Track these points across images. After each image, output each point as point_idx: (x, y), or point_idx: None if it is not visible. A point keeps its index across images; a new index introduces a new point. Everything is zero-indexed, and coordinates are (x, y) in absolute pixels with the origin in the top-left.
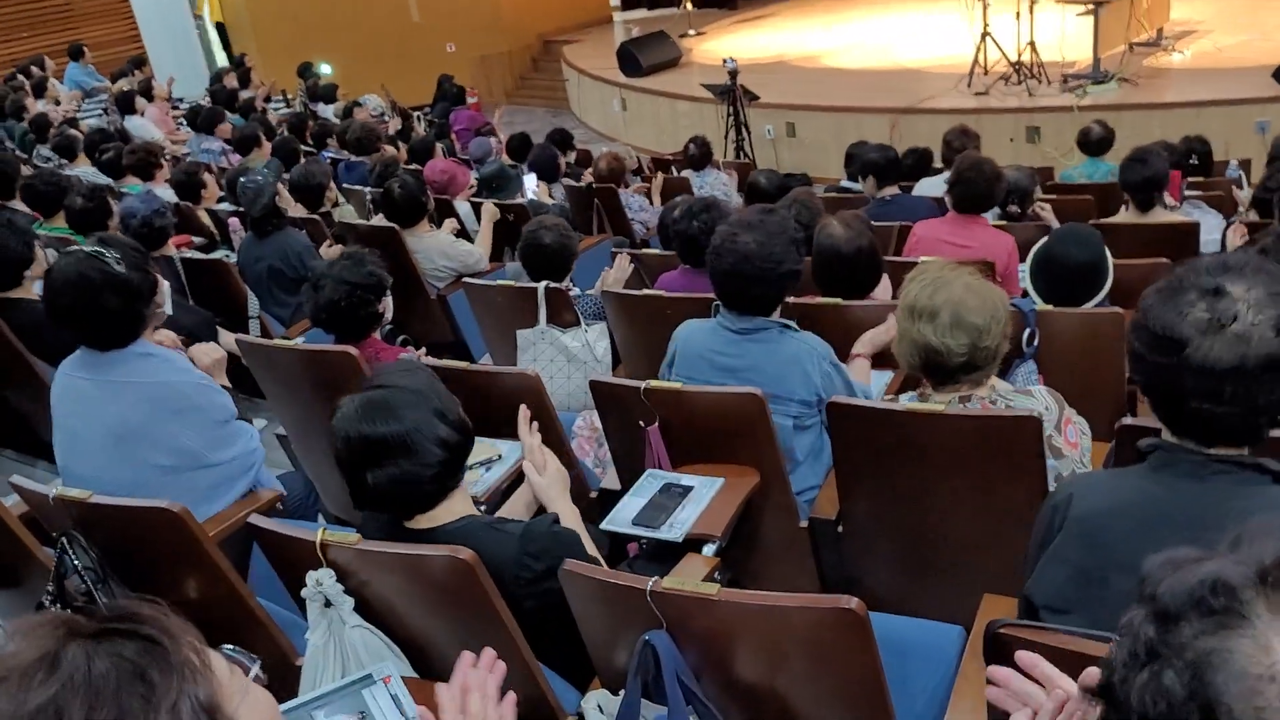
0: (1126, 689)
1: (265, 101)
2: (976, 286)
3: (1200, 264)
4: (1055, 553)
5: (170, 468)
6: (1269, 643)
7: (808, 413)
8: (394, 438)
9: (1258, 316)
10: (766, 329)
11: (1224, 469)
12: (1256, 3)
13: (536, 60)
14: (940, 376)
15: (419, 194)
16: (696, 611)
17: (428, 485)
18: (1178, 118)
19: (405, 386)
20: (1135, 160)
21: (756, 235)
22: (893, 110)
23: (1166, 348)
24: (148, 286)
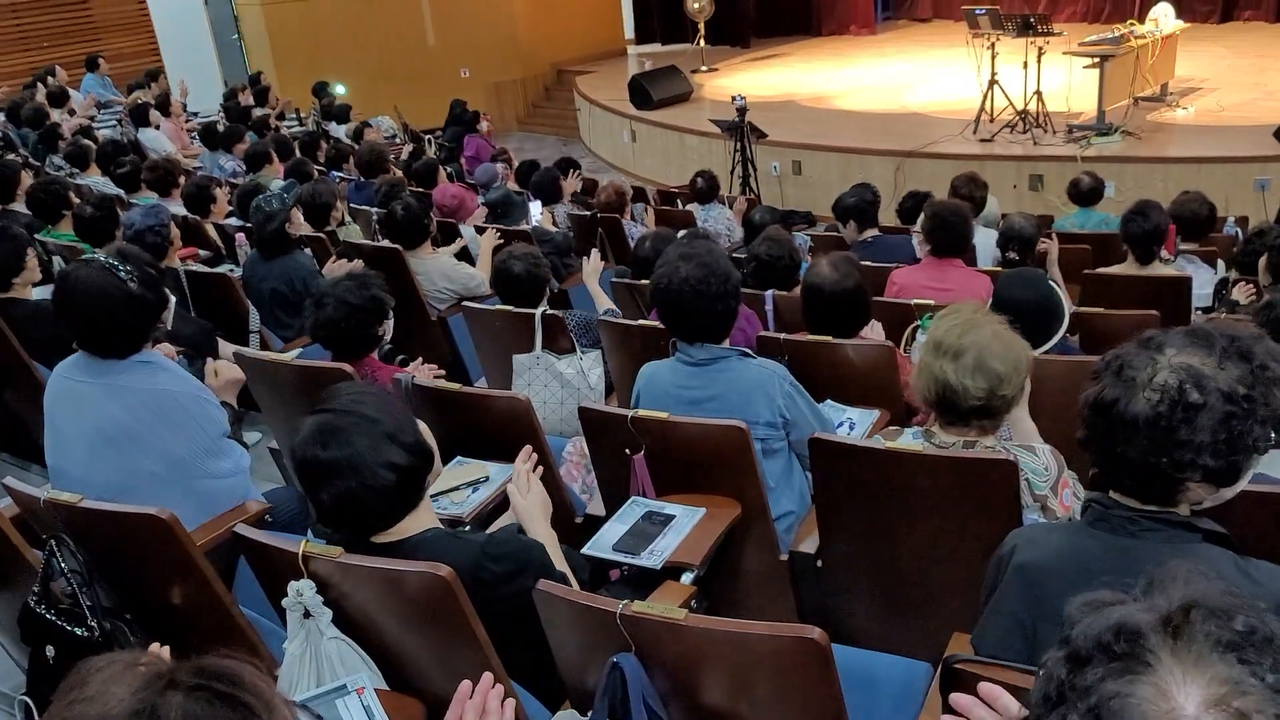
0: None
1: (280, 119)
2: (1004, 335)
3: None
4: (996, 604)
5: (159, 475)
6: (1168, 688)
7: (774, 435)
8: (342, 461)
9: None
10: (726, 357)
11: (1155, 526)
12: (1261, 63)
13: (549, 89)
14: (951, 416)
15: (422, 216)
16: (665, 636)
17: (379, 505)
18: (1179, 172)
19: (355, 411)
20: (1137, 214)
21: (694, 263)
22: (898, 153)
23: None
24: (159, 304)
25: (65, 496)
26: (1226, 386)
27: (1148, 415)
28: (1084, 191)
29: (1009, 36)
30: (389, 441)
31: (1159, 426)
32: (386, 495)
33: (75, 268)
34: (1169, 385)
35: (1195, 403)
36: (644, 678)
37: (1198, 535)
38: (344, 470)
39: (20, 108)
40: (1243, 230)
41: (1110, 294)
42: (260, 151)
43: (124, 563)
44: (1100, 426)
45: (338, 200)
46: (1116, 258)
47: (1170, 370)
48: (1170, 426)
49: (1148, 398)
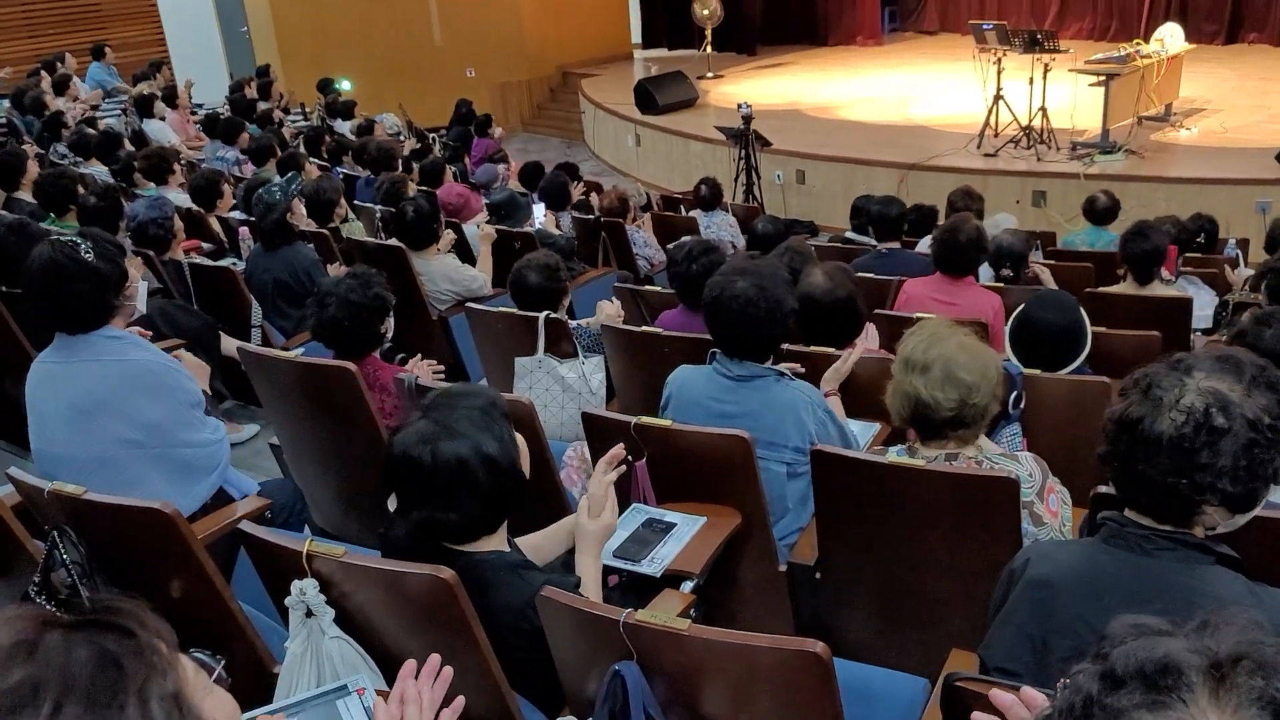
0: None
1: (284, 112)
2: (970, 346)
3: (1197, 360)
4: (1007, 616)
5: (134, 442)
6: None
7: (801, 460)
8: (433, 476)
9: (1210, 399)
10: (764, 376)
11: (1169, 546)
12: (1265, 86)
13: (554, 91)
14: (928, 430)
15: (432, 218)
16: (667, 645)
17: (455, 530)
18: (1182, 192)
19: (461, 429)
20: (1136, 234)
21: (753, 280)
22: (902, 165)
23: (1127, 425)
24: (116, 276)
25: (69, 488)
26: (1252, 414)
27: (1171, 436)
28: (1099, 210)
29: (1015, 52)
30: (485, 466)
31: (1182, 448)
32: (466, 521)
33: (36, 248)
34: (1195, 408)
35: (1220, 427)
36: (645, 686)
37: (1211, 558)
38: (434, 486)
39: (25, 94)
40: (1244, 253)
41: (1112, 314)
42: (265, 145)
43: (125, 555)
44: (1123, 443)
45: (341, 197)
46: (1116, 276)
47: (1198, 393)
48: (1193, 449)
49: (1173, 418)
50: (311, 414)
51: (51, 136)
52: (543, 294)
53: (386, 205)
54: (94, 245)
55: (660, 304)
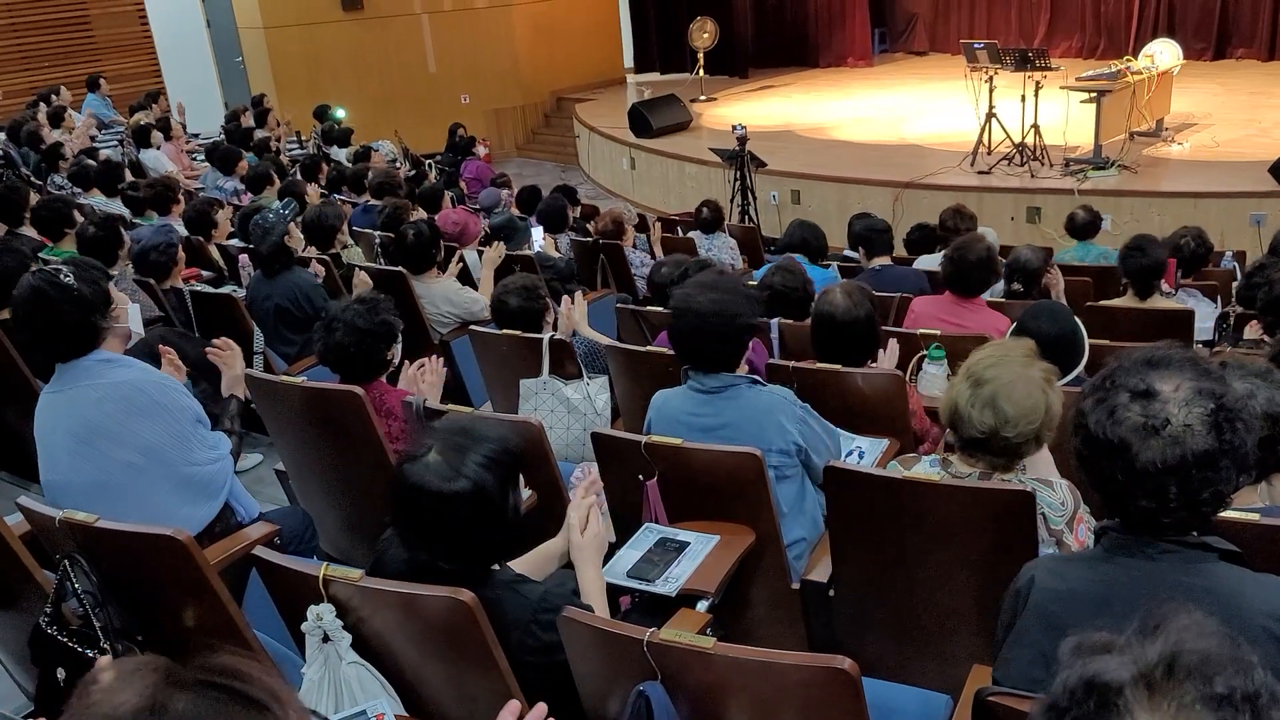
0: None
1: (278, 141)
2: (1032, 381)
3: (1129, 362)
4: (1019, 636)
5: (136, 466)
6: None
7: (787, 462)
8: (437, 514)
9: (1189, 415)
10: (736, 385)
11: (1172, 548)
12: (1255, 100)
13: (549, 116)
14: (961, 442)
15: (432, 242)
16: (692, 664)
17: (454, 561)
18: (1176, 206)
19: (472, 473)
20: (1135, 249)
21: (711, 295)
22: (896, 184)
23: (1107, 452)
24: (99, 298)
25: (80, 516)
26: (1238, 403)
27: (1175, 464)
28: (1079, 225)
29: (1007, 70)
30: (488, 513)
31: (1189, 472)
32: (458, 569)
33: (21, 279)
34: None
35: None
36: (670, 706)
37: (1214, 555)
38: (437, 523)
39: (20, 127)
40: (1240, 265)
41: (1114, 326)
42: (262, 173)
43: (137, 583)
44: (1112, 476)
45: (343, 223)
46: (1116, 291)
47: (1182, 406)
48: (1208, 462)
49: (1170, 446)
50: (318, 439)
51: (50, 168)
52: (525, 315)
53: (387, 230)
54: (74, 269)
55: (661, 324)
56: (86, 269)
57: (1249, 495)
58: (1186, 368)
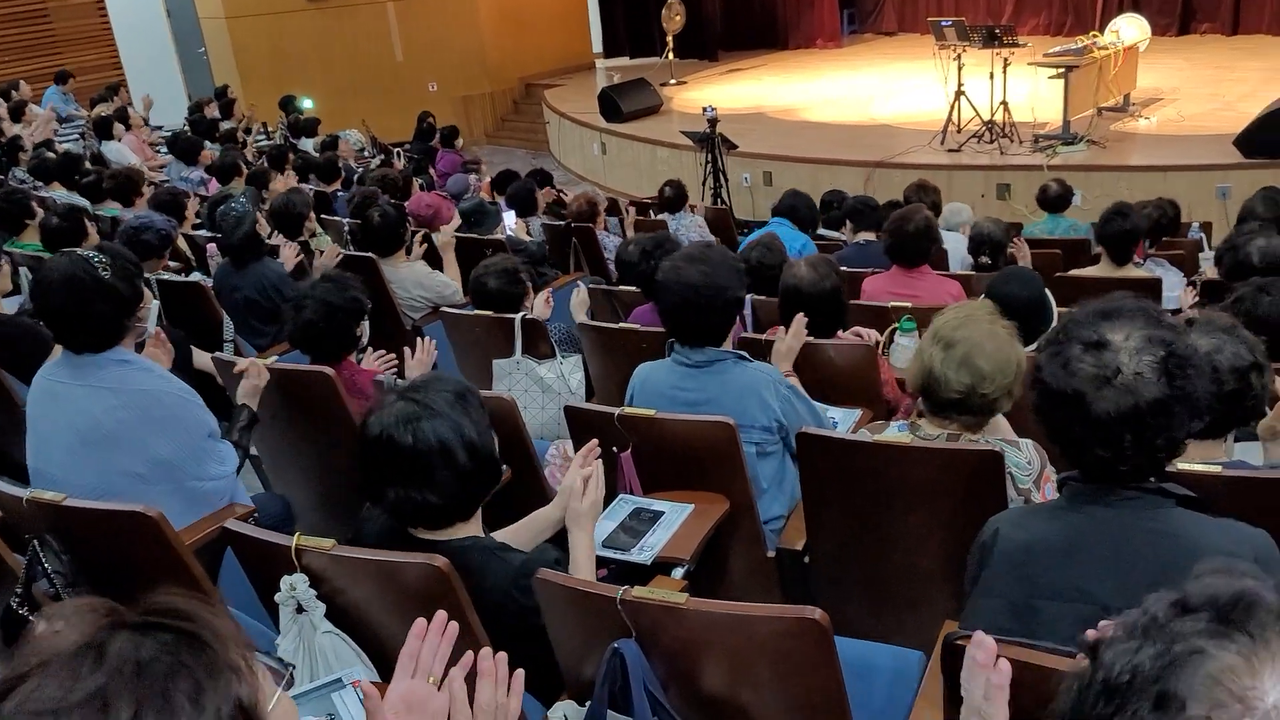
0: (1110, 650)
1: (246, 133)
2: (999, 337)
3: (1083, 314)
4: (986, 587)
5: (141, 476)
6: (1259, 668)
7: (769, 439)
8: (412, 455)
9: (1139, 364)
10: (722, 360)
11: (1132, 495)
12: (1219, 74)
13: (518, 102)
14: (933, 405)
15: (398, 224)
16: (665, 620)
17: (432, 511)
18: (1144, 180)
19: (448, 414)
20: (1117, 214)
21: (700, 267)
22: (867, 164)
23: (1063, 404)
24: (134, 297)
25: (49, 495)
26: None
27: (1128, 412)
28: (1052, 198)
29: (975, 48)
30: (463, 448)
31: (1143, 419)
32: (444, 502)
33: (52, 258)
34: (1141, 373)
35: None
36: (644, 663)
37: (1172, 500)
38: (412, 465)
39: None
40: (1207, 236)
41: (1083, 296)
42: (229, 163)
43: (109, 563)
44: (1069, 427)
45: (310, 210)
46: (1085, 262)
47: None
48: (1162, 410)
49: (1123, 394)
50: (291, 422)
51: (10, 162)
52: (503, 298)
53: (355, 217)
54: (111, 261)
55: (633, 303)
56: (122, 263)
57: (1214, 449)
58: (1137, 317)
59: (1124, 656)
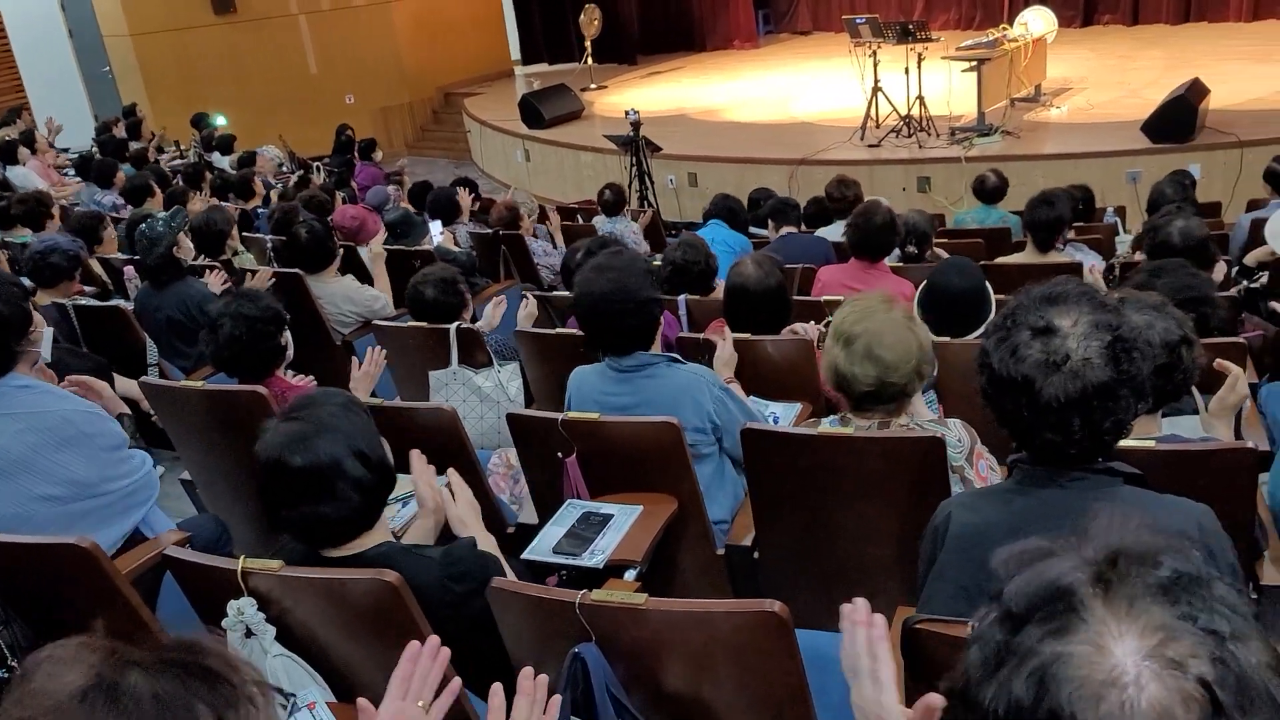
0: (981, 694)
1: (158, 152)
2: (898, 324)
3: (1028, 299)
4: (940, 571)
5: (58, 498)
6: (1105, 644)
7: (703, 440)
8: (310, 472)
9: (1087, 349)
10: (654, 364)
11: (1080, 475)
12: (1124, 63)
13: (437, 112)
14: (852, 401)
15: (327, 239)
16: (625, 621)
17: (339, 524)
18: (1057, 168)
19: (330, 425)
20: (1044, 202)
21: (608, 275)
22: (790, 161)
23: (1012, 390)
24: (17, 320)
25: None
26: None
27: (1076, 396)
28: (989, 189)
29: (889, 44)
30: (358, 459)
31: (1091, 403)
32: (349, 514)
33: None
34: (1089, 357)
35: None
36: (606, 666)
37: (1119, 479)
38: (311, 483)
39: None
40: (1121, 220)
41: (1009, 283)
42: (141, 184)
43: (42, 597)
44: (1018, 412)
45: (233, 228)
46: (1008, 250)
47: (1081, 340)
48: (1108, 393)
49: (1071, 380)
50: (222, 443)
51: None
52: (441, 308)
53: (278, 234)
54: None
55: (567, 308)
56: (6, 287)
57: (1149, 425)
58: (1083, 302)
59: (999, 697)
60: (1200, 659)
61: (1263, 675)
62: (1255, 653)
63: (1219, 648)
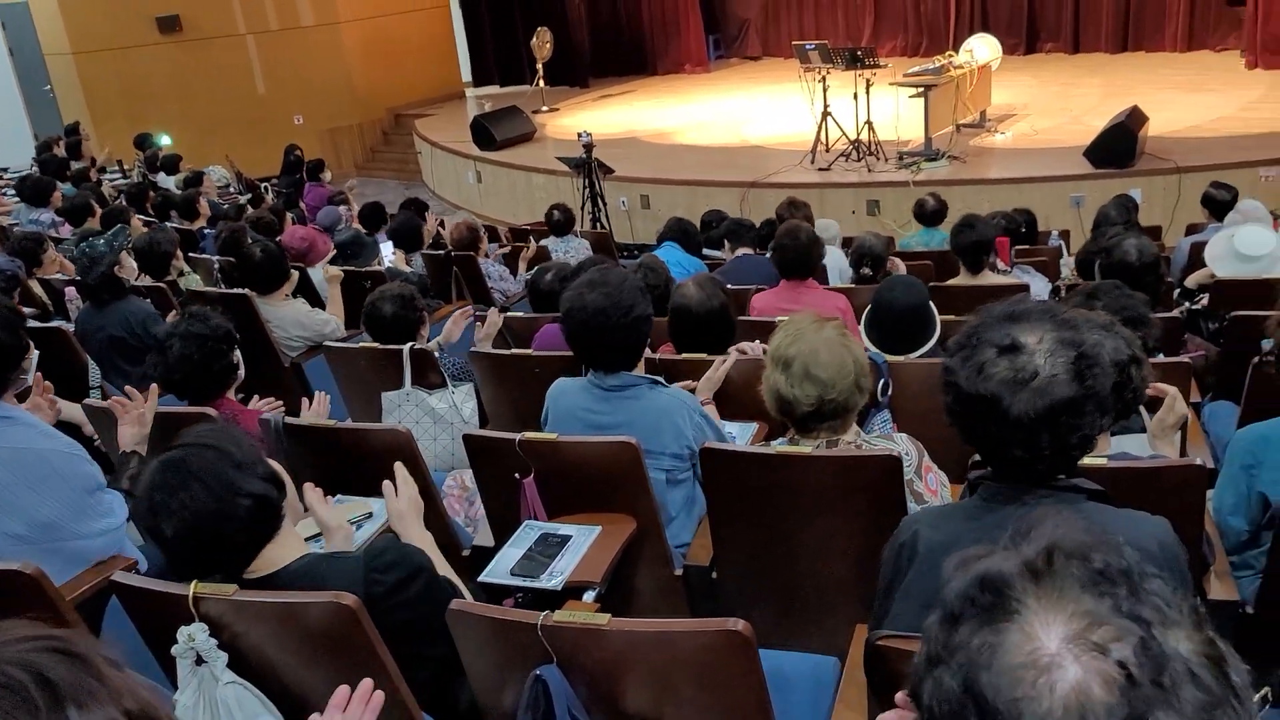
0: (922, 691)
1: (100, 172)
2: (831, 342)
3: (991, 317)
4: (906, 588)
5: (21, 537)
6: (1033, 630)
7: (680, 466)
8: (194, 498)
9: (1054, 365)
10: (636, 385)
11: (1046, 493)
12: (1066, 90)
13: (387, 133)
14: (796, 423)
15: (281, 259)
16: (588, 643)
17: (238, 537)
18: (1003, 192)
19: (202, 444)
20: (965, 226)
21: (602, 289)
22: (742, 184)
23: (979, 407)
24: (15, 349)
25: None
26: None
27: (1040, 410)
28: (929, 213)
29: (838, 69)
30: (240, 471)
31: (1058, 419)
32: (246, 526)
33: None
34: (1055, 373)
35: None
36: (568, 688)
37: (1083, 495)
38: (197, 507)
39: None
40: (1066, 243)
41: (955, 304)
42: (81, 204)
43: None
44: (986, 429)
45: (177, 248)
46: (955, 272)
47: (1047, 357)
48: (1072, 409)
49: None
50: None
51: None
52: (399, 325)
53: (225, 255)
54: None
55: (523, 329)
56: (4, 313)
57: (1100, 442)
58: (1045, 319)
59: (934, 693)
60: (1123, 644)
61: (1191, 662)
62: (1185, 641)
63: (1145, 634)
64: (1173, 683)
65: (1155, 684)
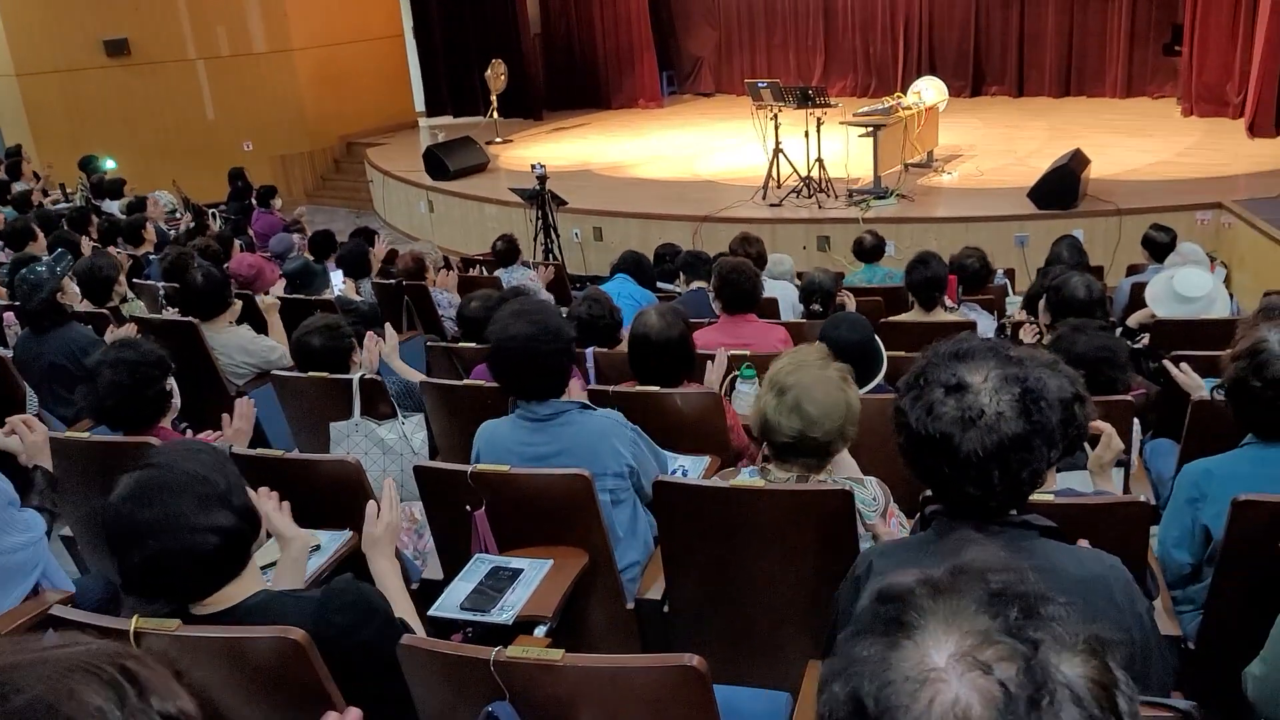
0: (819, 709)
1: (44, 195)
2: (829, 382)
3: (938, 356)
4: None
5: None
6: (925, 645)
7: (621, 486)
8: (160, 522)
9: (999, 403)
10: (567, 410)
11: (998, 529)
12: (1010, 132)
13: (339, 161)
14: (774, 450)
15: (224, 285)
16: (540, 678)
17: (197, 572)
18: (950, 231)
19: (182, 468)
20: (919, 263)
21: (529, 318)
22: (694, 218)
23: (930, 447)
24: None
25: None
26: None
27: (989, 447)
28: (867, 249)
29: (790, 108)
30: (217, 503)
31: (1008, 456)
32: (208, 561)
33: None
34: (1002, 411)
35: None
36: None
37: (1035, 532)
38: (162, 532)
39: None
40: (1011, 282)
41: (905, 340)
42: (23, 228)
43: None
44: (938, 468)
45: (120, 274)
46: (905, 308)
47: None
48: (1019, 445)
49: (987, 434)
50: (107, 498)
51: None
52: (330, 355)
53: (169, 280)
54: None
55: (474, 359)
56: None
57: (1048, 479)
58: (989, 357)
59: (825, 700)
60: (1008, 663)
61: (1076, 686)
62: (1077, 665)
63: (1031, 656)
64: (1052, 704)
65: (1032, 703)
